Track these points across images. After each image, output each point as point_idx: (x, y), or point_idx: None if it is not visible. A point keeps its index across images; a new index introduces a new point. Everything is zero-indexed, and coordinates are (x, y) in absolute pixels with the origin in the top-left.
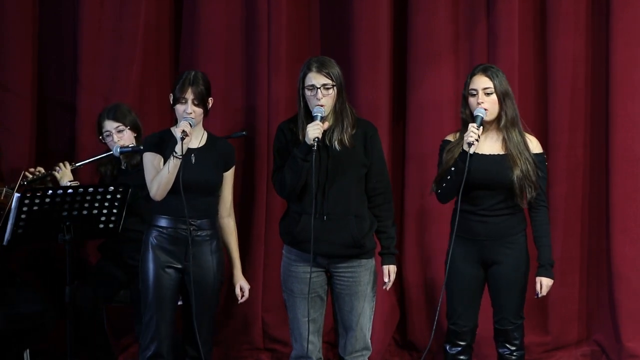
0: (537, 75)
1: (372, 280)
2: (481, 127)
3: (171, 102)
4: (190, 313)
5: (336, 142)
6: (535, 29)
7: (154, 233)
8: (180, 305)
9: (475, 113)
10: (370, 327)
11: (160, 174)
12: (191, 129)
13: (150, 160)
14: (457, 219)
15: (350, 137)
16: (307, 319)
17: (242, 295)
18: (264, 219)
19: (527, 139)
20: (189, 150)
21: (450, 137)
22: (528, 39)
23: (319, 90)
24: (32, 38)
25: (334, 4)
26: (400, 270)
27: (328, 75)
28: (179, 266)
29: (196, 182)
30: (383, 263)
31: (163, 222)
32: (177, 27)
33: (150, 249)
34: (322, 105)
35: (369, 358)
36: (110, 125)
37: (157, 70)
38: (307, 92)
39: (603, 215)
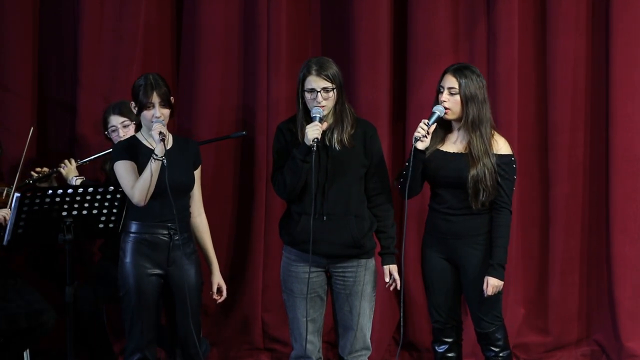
0: (537, 75)
1: (372, 280)
2: (435, 124)
3: (135, 110)
4: (175, 318)
5: (336, 142)
6: (535, 29)
7: (132, 239)
8: (163, 309)
9: (433, 109)
10: (370, 327)
11: (142, 179)
12: (166, 130)
13: (126, 168)
14: (428, 217)
15: (350, 137)
16: (306, 318)
17: (220, 297)
18: (264, 219)
19: (494, 140)
20: None
21: None
22: (528, 39)
23: (319, 93)
24: (32, 38)
25: (334, 4)
26: (400, 270)
27: (328, 78)
28: (161, 272)
29: (174, 184)
30: (383, 263)
31: (141, 228)
32: (177, 27)
33: (129, 255)
34: (322, 107)
35: (369, 358)
36: (116, 120)
37: (157, 70)
38: (307, 95)
39: (603, 215)
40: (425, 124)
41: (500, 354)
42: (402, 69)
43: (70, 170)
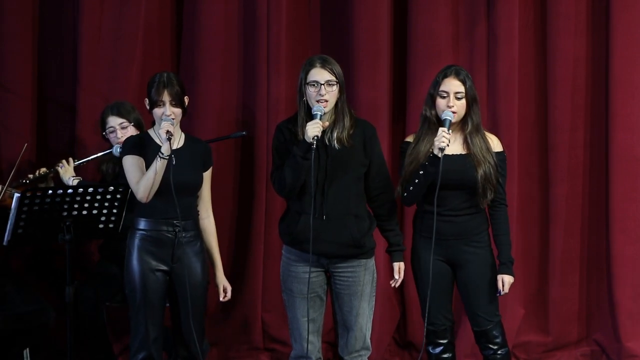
0: (537, 75)
1: (372, 280)
2: (450, 130)
3: (148, 107)
4: (178, 315)
5: (335, 142)
6: (535, 28)
7: (138, 236)
8: (168, 307)
9: (443, 117)
10: (370, 327)
11: (146, 176)
12: (174, 129)
13: (133, 163)
14: (422, 220)
15: (350, 136)
16: (306, 318)
17: (225, 296)
18: (264, 219)
19: (488, 138)
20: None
21: (409, 139)
22: (528, 39)
23: (322, 86)
24: (32, 38)
25: (334, 4)
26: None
27: (332, 72)
28: (166, 268)
29: (179, 183)
30: (394, 260)
31: (147, 225)
32: (177, 27)
33: (135, 252)
34: (325, 101)
35: (368, 358)
36: (114, 121)
37: (157, 70)
38: (310, 89)
39: (603, 215)
40: (447, 133)
41: (499, 352)
42: (402, 69)
43: (67, 170)
